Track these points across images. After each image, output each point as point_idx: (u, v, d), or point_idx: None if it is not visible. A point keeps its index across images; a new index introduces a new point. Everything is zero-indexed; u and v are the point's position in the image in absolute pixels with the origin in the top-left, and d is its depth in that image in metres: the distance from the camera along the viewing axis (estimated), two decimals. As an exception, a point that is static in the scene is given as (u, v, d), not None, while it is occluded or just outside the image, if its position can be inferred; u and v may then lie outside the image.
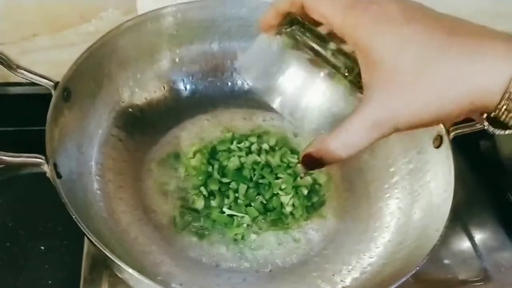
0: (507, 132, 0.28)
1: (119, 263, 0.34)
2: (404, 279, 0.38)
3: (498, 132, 0.28)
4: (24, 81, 0.63)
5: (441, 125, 0.50)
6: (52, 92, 0.43)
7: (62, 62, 0.46)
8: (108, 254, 0.34)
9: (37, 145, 0.40)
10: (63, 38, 0.63)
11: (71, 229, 0.56)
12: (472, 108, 0.27)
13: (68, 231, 0.57)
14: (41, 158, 0.38)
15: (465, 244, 0.60)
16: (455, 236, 0.61)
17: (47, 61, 0.60)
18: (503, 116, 0.27)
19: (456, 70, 0.27)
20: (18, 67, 0.42)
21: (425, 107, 0.28)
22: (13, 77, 0.63)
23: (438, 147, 0.50)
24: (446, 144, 0.49)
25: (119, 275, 0.39)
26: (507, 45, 0.26)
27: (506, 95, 0.26)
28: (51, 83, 0.43)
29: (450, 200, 0.45)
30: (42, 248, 0.56)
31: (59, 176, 0.38)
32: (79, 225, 0.35)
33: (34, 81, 0.43)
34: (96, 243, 0.34)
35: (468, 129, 0.49)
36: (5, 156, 0.36)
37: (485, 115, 0.28)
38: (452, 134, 0.49)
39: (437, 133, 0.51)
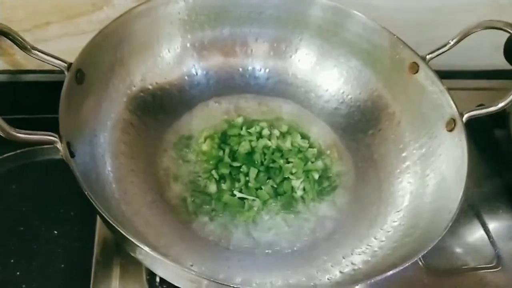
0: None
1: (132, 240, 0.34)
2: (415, 259, 0.38)
3: None
4: (37, 68, 0.66)
5: (454, 108, 0.50)
6: (66, 73, 0.43)
7: (74, 50, 0.46)
8: (121, 231, 0.34)
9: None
10: (75, 26, 0.63)
11: (83, 214, 0.58)
12: None
13: (80, 216, 0.58)
14: (55, 136, 0.38)
15: (478, 232, 0.60)
16: (468, 224, 0.60)
17: (59, 49, 0.61)
18: None
19: None
20: (33, 48, 0.42)
21: None
22: (26, 65, 0.65)
23: (451, 130, 0.50)
24: (459, 127, 0.49)
25: (132, 254, 0.39)
26: None
27: None
28: (65, 64, 0.43)
29: (463, 183, 0.45)
30: (55, 232, 0.57)
31: (72, 155, 0.39)
32: (92, 202, 0.35)
33: (47, 62, 0.43)
34: (109, 219, 0.35)
35: (482, 111, 0.49)
36: (19, 133, 0.36)
37: None
38: (465, 117, 0.49)
39: (450, 116, 0.50)
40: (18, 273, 0.53)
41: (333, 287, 0.45)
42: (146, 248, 0.34)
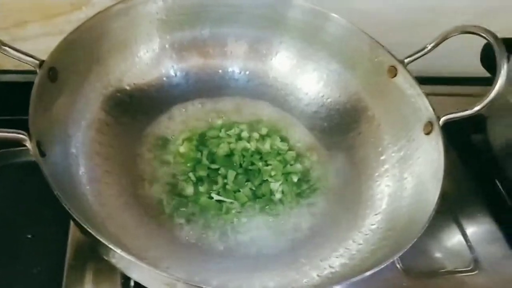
0: None
1: (104, 242, 0.33)
2: (390, 261, 0.37)
3: None
4: (13, 68, 0.64)
5: (432, 111, 0.50)
6: (38, 71, 0.42)
7: (52, 49, 0.45)
8: (92, 232, 0.33)
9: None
10: (54, 26, 0.62)
11: (58, 217, 0.56)
12: None
13: (55, 219, 0.56)
14: (24, 134, 0.37)
15: (456, 236, 0.60)
16: (445, 228, 0.61)
17: (37, 49, 0.60)
18: None
19: None
20: (3, 44, 0.41)
21: None
22: (3, 65, 0.64)
23: (428, 133, 0.50)
24: (436, 130, 0.49)
25: (105, 258, 0.38)
26: None
27: None
28: (36, 61, 0.42)
29: (439, 185, 0.45)
30: (29, 236, 0.55)
31: (42, 154, 0.37)
32: (62, 202, 0.34)
33: (18, 59, 0.42)
34: (79, 221, 0.33)
35: (458, 114, 0.49)
36: (-15, 131, 0.35)
37: None
38: (442, 120, 0.49)
39: (427, 119, 0.51)
40: None
41: (311, 290, 0.45)
42: (119, 251, 0.33)
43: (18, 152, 0.61)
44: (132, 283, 0.46)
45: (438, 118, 0.49)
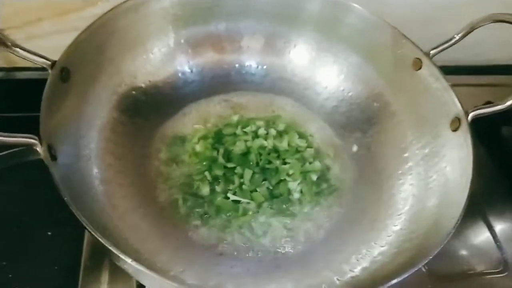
0: None
1: (112, 250, 0.32)
2: (415, 269, 0.35)
3: None
4: (32, 65, 0.64)
5: (459, 106, 0.47)
6: (49, 71, 0.41)
7: (65, 47, 0.45)
8: (100, 239, 0.32)
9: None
10: (67, 22, 0.62)
11: (74, 216, 0.56)
12: None
13: (71, 218, 0.57)
14: (35, 139, 0.36)
15: (485, 235, 0.58)
16: (473, 227, 0.58)
17: (51, 46, 0.60)
18: None
19: None
20: (14, 45, 0.40)
21: None
22: (20, 62, 0.64)
23: (455, 130, 0.47)
24: (464, 126, 0.46)
25: (116, 262, 0.38)
26: None
27: None
28: (48, 62, 0.41)
29: (468, 186, 0.43)
30: (49, 233, 0.56)
31: (53, 158, 0.37)
32: (71, 208, 0.33)
33: (29, 60, 0.41)
34: (88, 228, 0.33)
35: (488, 110, 0.46)
36: (-3, 136, 0.35)
37: None
38: (471, 116, 0.46)
39: (454, 115, 0.48)
40: (10, 275, 0.52)
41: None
42: (129, 260, 0.32)
43: (33, 150, 0.61)
44: (147, 285, 0.46)
45: (467, 114, 0.46)
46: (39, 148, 0.36)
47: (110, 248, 0.32)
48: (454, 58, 0.58)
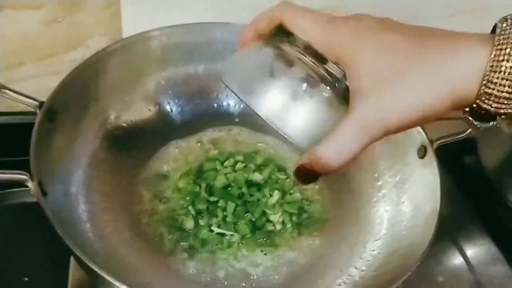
0: (491, 124, 0.29)
1: (108, 278, 0.33)
2: (395, 285, 0.37)
3: (483, 125, 0.29)
4: (7, 109, 0.65)
5: (424, 136, 0.51)
6: (37, 111, 0.42)
7: (48, 90, 0.46)
8: (95, 269, 0.33)
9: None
10: (49, 66, 0.63)
11: (55, 259, 0.55)
12: (455, 101, 0.28)
13: (52, 261, 0.56)
14: (26, 175, 0.37)
15: (457, 259, 0.60)
16: (445, 251, 0.61)
17: (33, 89, 0.61)
18: (485, 102, 0.28)
19: (434, 69, 0.28)
20: (3, 87, 0.42)
21: (410, 107, 0.29)
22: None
23: (422, 157, 0.51)
24: (430, 154, 0.50)
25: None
26: (479, 39, 0.28)
27: (484, 80, 0.27)
28: (36, 103, 0.43)
29: (437, 208, 0.46)
30: (26, 279, 0.55)
31: (44, 193, 0.38)
32: (65, 241, 0.34)
33: (19, 101, 0.42)
34: (82, 258, 0.33)
35: (451, 138, 0.50)
36: (-13, 173, 0.35)
37: (467, 109, 0.29)
38: (436, 144, 0.50)
39: (420, 143, 0.52)
40: None
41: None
42: (123, 287, 0.32)
43: (13, 194, 0.61)
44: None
45: (431, 142, 0.50)
46: (30, 184, 0.37)
47: (107, 277, 0.32)
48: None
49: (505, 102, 0.27)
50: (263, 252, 0.50)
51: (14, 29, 0.59)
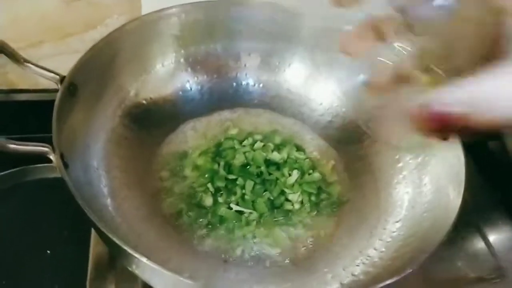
0: None
1: (129, 251, 0.33)
2: (411, 269, 0.37)
3: None
4: (30, 87, 0.66)
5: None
6: (58, 86, 0.43)
7: (67, 70, 0.46)
8: (117, 242, 0.33)
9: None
10: (68, 45, 0.64)
11: (76, 234, 0.56)
12: None
13: (73, 236, 0.57)
14: (48, 147, 0.37)
15: (478, 244, 0.59)
16: (467, 236, 0.60)
17: (53, 68, 0.62)
18: None
19: None
20: (25, 60, 0.42)
21: None
22: (19, 84, 0.65)
23: (446, 139, 0.50)
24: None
25: (128, 268, 0.38)
26: None
27: None
28: (57, 77, 0.43)
29: (462, 189, 0.45)
30: (48, 252, 0.56)
31: (66, 165, 0.38)
32: (86, 213, 0.34)
33: (40, 75, 0.43)
34: (104, 230, 0.34)
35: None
36: (10, 144, 0.36)
37: None
38: (459, 125, 0.49)
39: (444, 125, 0.50)
40: None
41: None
42: (144, 259, 0.33)
43: (34, 169, 0.62)
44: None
45: (455, 122, 0.49)
46: (52, 156, 0.37)
47: (126, 249, 0.32)
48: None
49: None
50: (281, 231, 0.50)
51: (34, 8, 0.60)
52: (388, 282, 0.37)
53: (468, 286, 0.54)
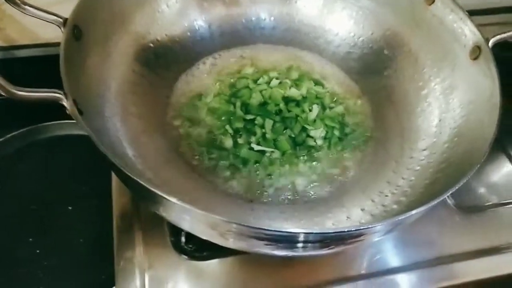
0: None
1: (157, 192, 0.31)
2: (445, 195, 0.35)
3: None
4: (30, 42, 0.62)
5: (478, 34, 0.47)
6: (62, 29, 0.40)
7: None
8: (144, 184, 0.32)
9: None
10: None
11: (95, 188, 0.56)
12: None
13: (92, 190, 0.57)
14: (60, 93, 0.35)
15: (506, 166, 0.58)
16: (495, 161, 0.58)
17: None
18: None
19: None
20: (24, 3, 0.39)
21: None
22: (19, 40, 0.62)
23: (476, 58, 0.47)
24: (485, 54, 0.46)
25: (155, 211, 0.37)
26: None
27: None
28: (60, 19, 0.40)
29: (497, 111, 0.42)
30: (69, 208, 0.56)
31: (80, 112, 0.36)
32: (111, 159, 0.32)
33: (41, 18, 0.40)
34: (129, 173, 0.32)
35: (510, 33, 0.45)
36: (21, 91, 0.34)
37: None
38: (491, 42, 0.46)
39: (473, 44, 0.47)
40: (37, 250, 0.52)
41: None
42: (174, 199, 0.31)
43: (49, 127, 0.61)
44: (183, 239, 0.45)
45: (487, 40, 0.46)
46: (65, 103, 0.35)
47: (155, 190, 0.31)
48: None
49: None
50: (306, 168, 0.49)
51: None
52: (423, 208, 0.35)
53: (499, 210, 0.53)
